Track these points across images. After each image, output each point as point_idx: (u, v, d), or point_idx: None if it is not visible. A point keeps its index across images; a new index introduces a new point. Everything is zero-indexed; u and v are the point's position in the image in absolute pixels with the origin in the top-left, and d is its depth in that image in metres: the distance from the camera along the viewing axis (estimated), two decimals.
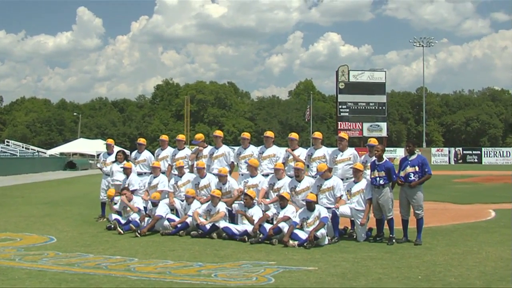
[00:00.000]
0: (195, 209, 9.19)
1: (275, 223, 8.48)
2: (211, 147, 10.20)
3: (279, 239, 8.19)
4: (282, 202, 8.65)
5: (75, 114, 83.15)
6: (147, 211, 9.73)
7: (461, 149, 64.41)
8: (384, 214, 8.53)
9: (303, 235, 8.10)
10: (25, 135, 79.42)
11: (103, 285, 5.74)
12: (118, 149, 12.08)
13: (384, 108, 54.76)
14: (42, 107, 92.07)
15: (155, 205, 9.53)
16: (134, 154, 11.11)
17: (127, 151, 12.54)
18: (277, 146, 9.88)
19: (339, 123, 53.65)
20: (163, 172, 10.26)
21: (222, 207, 9.04)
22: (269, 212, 8.82)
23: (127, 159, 11.14)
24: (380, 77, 54.43)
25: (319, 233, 8.01)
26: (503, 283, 5.86)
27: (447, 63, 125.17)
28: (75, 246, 7.99)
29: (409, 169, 8.45)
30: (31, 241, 8.44)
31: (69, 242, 8.37)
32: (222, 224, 8.81)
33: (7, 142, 49.06)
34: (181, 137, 10.88)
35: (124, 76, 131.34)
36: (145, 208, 9.89)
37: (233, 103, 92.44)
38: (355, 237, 8.70)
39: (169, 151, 10.59)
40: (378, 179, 8.45)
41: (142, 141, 11.29)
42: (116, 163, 11.13)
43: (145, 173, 10.69)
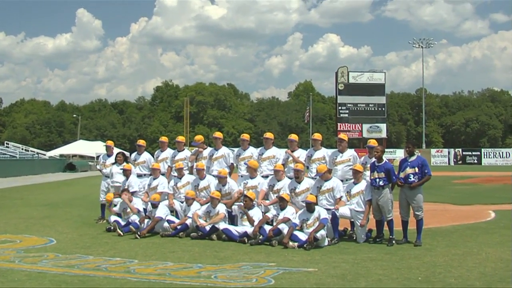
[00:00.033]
0: (195, 210, 9.19)
1: (274, 225, 8.47)
2: (210, 148, 10.21)
3: (279, 240, 8.19)
4: (281, 203, 8.65)
5: (74, 115, 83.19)
6: (147, 213, 9.73)
7: (460, 150, 64.38)
8: (384, 215, 8.53)
9: (303, 236, 8.10)
10: (24, 137, 79.46)
11: (103, 286, 5.74)
12: (117, 150, 12.08)
13: (383, 109, 54.84)
14: (41, 109, 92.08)
15: (154, 206, 9.53)
16: (133, 155, 11.10)
17: (126, 153, 12.53)
18: (276, 147, 9.89)
19: (339, 124, 53.73)
20: (162, 173, 10.26)
21: (221, 209, 9.04)
22: (269, 213, 8.82)
23: (126, 161, 11.15)
24: (379, 78, 54.56)
25: (319, 235, 8.01)
26: (503, 284, 5.86)
27: (446, 64, 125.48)
28: (75, 247, 7.99)
29: (409, 170, 8.44)
30: (30, 243, 8.44)
31: (68, 243, 8.36)
32: (221, 225, 8.80)
33: (6, 144, 49.12)
34: (180, 138, 10.88)
35: (123, 77, 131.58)
36: (144, 209, 9.89)
37: (233, 104, 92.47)
38: (355, 238, 8.70)
39: (168, 152, 10.58)
40: (377, 180, 8.45)
41: (141, 142, 11.30)
42: (115, 165, 11.13)
43: (145, 175, 10.69)
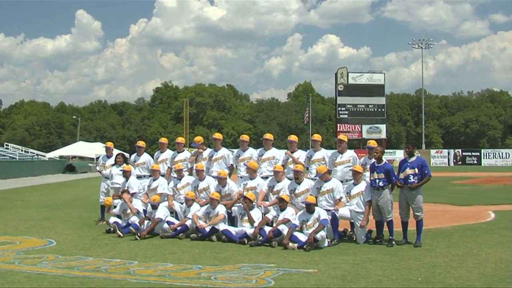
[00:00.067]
0: (195, 212, 9.18)
1: (274, 226, 8.47)
2: (210, 149, 10.21)
3: (279, 241, 8.19)
4: (281, 204, 8.65)
5: (74, 117, 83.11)
6: (147, 214, 9.73)
7: (460, 150, 64.43)
8: (383, 216, 8.53)
9: (302, 237, 8.09)
10: (24, 138, 79.40)
11: None
12: (117, 152, 12.07)
13: (383, 110, 54.85)
14: (41, 110, 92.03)
15: (154, 208, 9.52)
16: (133, 157, 11.10)
17: (126, 154, 12.53)
18: (276, 148, 9.89)
19: (338, 125, 53.73)
20: (162, 175, 10.26)
21: (221, 210, 9.03)
22: (269, 214, 8.82)
23: (126, 162, 11.16)
24: (379, 79, 54.57)
25: (318, 235, 8.01)
26: (503, 285, 5.87)
27: (446, 65, 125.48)
28: (75, 249, 7.99)
29: (409, 171, 8.44)
30: (30, 244, 8.43)
31: (68, 245, 8.36)
32: (221, 226, 8.80)
33: (6, 145, 49.10)
34: (180, 139, 10.88)
35: (123, 79, 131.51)
36: (144, 211, 9.89)
37: (232, 105, 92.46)
38: (354, 239, 8.70)
39: (168, 153, 10.58)
40: (377, 181, 8.45)
41: (141, 144, 11.31)
42: (115, 166, 11.13)
43: (145, 176, 10.69)
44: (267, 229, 8.44)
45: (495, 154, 63.25)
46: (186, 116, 76.41)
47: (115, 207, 10.19)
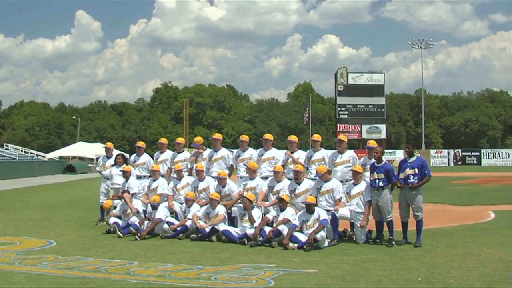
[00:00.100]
0: (195, 212, 9.18)
1: (274, 226, 8.47)
2: (210, 150, 10.21)
3: (279, 241, 8.19)
4: (281, 204, 8.65)
5: (74, 117, 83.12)
6: (147, 214, 9.73)
7: (460, 150, 64.48)
8: (383, 216, 8.53)
9: (302, 237, 8.09)
10: (24, 139, 79.39)
11: None
12: (117, 152, 12.06)
13: (383, 110, 54.90)
14: (41, 111, 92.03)
15: (154, 208, 9.52)
16: (133, 157, 11.10)
17: (126, 155, 12.51)
18: (276, 148, 9.88)
19: (338, 125, 53.77)
20: (162, 175, 10.26)
21: (221, 210, 9.03)
22: (269, 215, 8.82)
23: (126, 163, 11.15)
24: (378, 79, 54.62)
25: (318, 236, 8.01)
26: (503, 285, 5.86)
27: (445, 65, 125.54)
28: (75, 249, 7.98)
29: (409, 171, 8.44)
30: (30, 245, 8.43)
31: (68, 245, 8.36)
32: (221, 227, 8.80)
33: (6, 146, 49.06)
34: (180, 140, 10.88)
35: (123, 79, 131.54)
36: (144, 211, 9.89)
37: (232, 105, 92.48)
38: (354, 239, 8.70)
39: (168, 154, 10.58)
40: (377, 181, 8.45)
41: (141, 144, 11.31)
42: (115, 167, 11.13)
43: (144, 177, 10.68)
44: (267, 229, 8.43)
45: (495, 154, 63.30)
46: (186, 116, 76.42)
47: (115, 207, 10.19)
